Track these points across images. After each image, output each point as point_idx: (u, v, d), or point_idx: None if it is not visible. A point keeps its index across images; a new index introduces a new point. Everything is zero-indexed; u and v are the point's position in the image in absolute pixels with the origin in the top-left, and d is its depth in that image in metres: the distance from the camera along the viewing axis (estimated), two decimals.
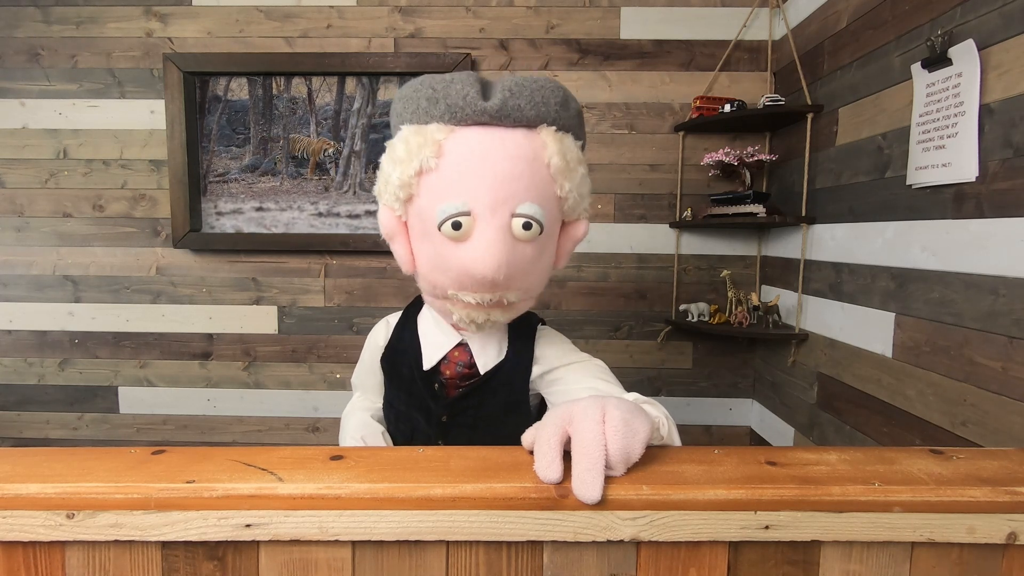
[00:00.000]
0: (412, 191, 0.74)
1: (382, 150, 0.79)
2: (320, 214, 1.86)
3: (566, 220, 0.81)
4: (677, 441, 0.69)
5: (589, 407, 0.52)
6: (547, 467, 0.50)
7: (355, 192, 1.85)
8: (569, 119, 0.75)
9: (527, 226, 0.72)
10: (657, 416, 0.65)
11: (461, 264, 0.72)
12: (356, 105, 1.82)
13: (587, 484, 0.48)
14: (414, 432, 0.91)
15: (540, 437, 0.52)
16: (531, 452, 0.54)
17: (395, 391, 0.93)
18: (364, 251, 1.84)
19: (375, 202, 0.83)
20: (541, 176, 0.73)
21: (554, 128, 0.73)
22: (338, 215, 1.86)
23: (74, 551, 0.51)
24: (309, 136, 1.84)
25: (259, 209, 1.87)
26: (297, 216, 1.87)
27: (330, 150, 1.83)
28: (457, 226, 0.71)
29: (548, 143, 0.72)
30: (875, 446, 0.99)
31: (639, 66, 1.81)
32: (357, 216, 1.86)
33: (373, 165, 1.83)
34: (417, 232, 0.78)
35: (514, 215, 0.71)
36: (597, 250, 1.87)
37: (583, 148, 0.81)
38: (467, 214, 0.71)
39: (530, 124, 0.72)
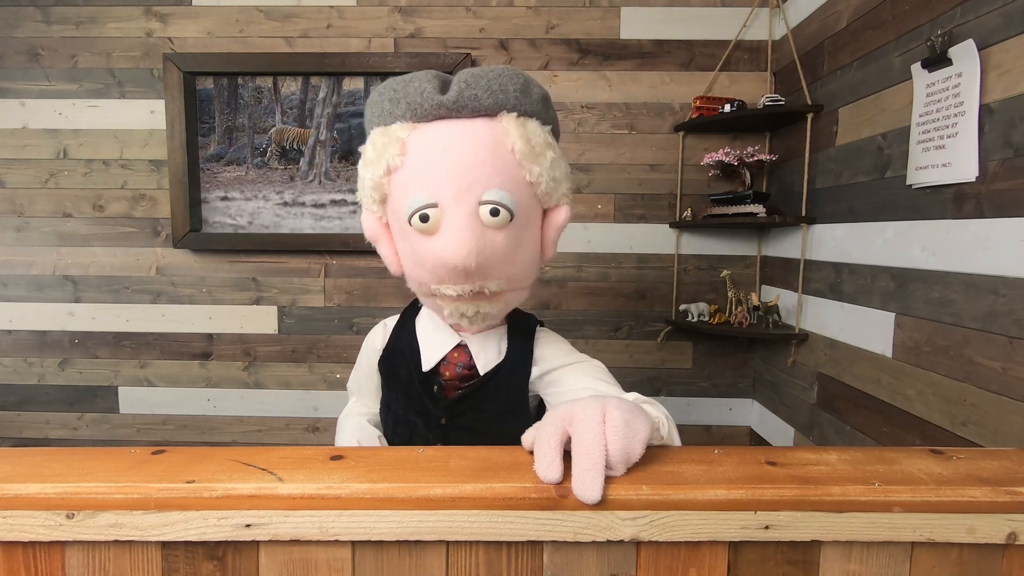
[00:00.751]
0: (385, 191, 0.76)
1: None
2: (285, 203, 1.85)
3: (545, 207, 0.80)
4: (677, 441, 0.69)
5: (589, 407, 0.52)
6: (547, 467, 0.50)
7: (320, 182, 1.83)
8: (531, 104, 0.74)
9: (495, 212, 0.71)
10: (657, 416, 0.65)
11: (434, 256, 0.72)
12: (321, 94, 1.81)
13: (587, 484, 0.48)
14: (412, 436, 0.90)
15: (540, 437, 0.52)
16: (531, 452, 0.54)
17: (393, 394, 0.93)
18: (364, 251, 1.83)
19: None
20: (506, 162, 0.72)
21: (515, 114, 0.73)
22: (303, 204, 1.85)
23: (74, 551, 0.51)
24: (289, 126, 1.82)
25: (224, 199, 1.86)
26: (262, 206, 1.86)
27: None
28: (425, 218, 0.71)
29: (510, 129, 0.72)
30: (875, 446, 0.99)
31: (639, 66, 1.81)
32: (322, 206, 1.84)
33: (339, 154, 1.81)
34: (396, 232, 0.79)
35: (481, 202, 0.71)
36: (597, 250, 1.87)
37: (555, 134, 0.80)
38: (434, 206, 0.71)
39: (489, 112, 0.72)
